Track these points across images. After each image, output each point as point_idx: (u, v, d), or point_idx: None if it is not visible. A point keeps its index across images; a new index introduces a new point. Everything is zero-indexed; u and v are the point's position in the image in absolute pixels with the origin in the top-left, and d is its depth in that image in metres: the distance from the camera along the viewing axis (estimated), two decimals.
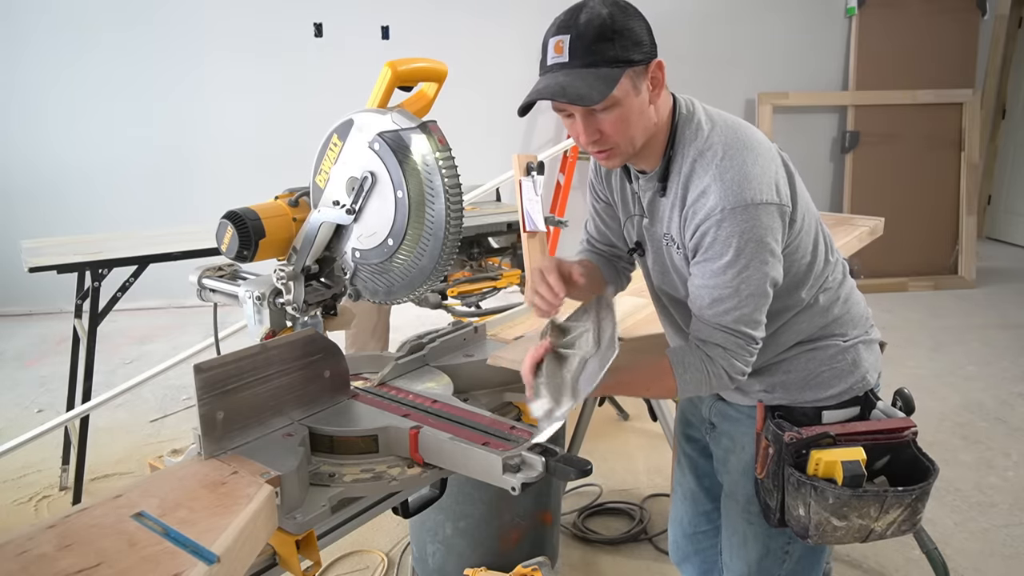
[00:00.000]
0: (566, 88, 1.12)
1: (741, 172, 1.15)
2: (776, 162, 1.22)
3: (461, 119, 3.42)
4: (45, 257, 2.63)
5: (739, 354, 1.22)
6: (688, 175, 1.21)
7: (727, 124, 1.24)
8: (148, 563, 0.78)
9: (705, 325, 1.23)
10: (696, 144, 1.21)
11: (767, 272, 1.18)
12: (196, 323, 4.87)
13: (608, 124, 1.17)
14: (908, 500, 1.21)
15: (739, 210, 1.14)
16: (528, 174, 2.22)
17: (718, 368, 1.22)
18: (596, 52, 1.12)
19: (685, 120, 1.24)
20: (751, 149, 1.19)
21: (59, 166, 5.00)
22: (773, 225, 1.17)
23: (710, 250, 1.18)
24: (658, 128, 1.23)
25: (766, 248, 1.17)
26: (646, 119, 1.19)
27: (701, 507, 1.64)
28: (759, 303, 1.20)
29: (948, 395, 3.67)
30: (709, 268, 1.19)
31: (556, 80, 1.14)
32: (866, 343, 1.38)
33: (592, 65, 1.12)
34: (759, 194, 1.15)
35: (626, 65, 1.13)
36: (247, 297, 1.39)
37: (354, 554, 2.44)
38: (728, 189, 1.15)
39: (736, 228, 1.15)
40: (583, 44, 1.12)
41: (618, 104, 1.15)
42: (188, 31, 4.96)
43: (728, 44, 5.52)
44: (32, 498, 2.81)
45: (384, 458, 1.13)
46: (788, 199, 1.20)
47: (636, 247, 1.40)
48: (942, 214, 5.57)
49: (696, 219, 1.18)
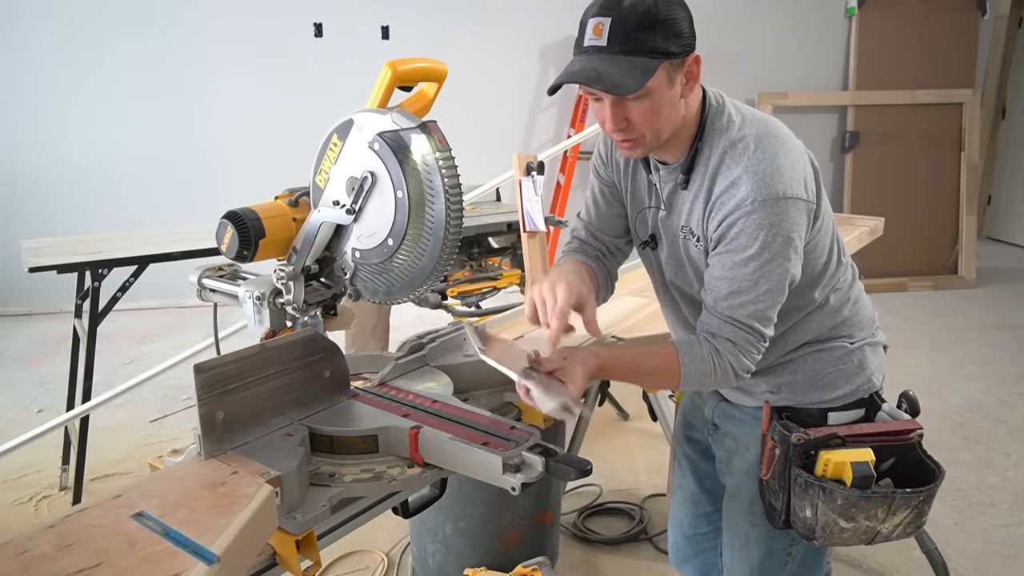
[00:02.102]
0: (602, 75, 1.09)
1: (773, 165, 1.14)
2: (804, 158, 1.21)
3: (461, 119, 3.42)
4: (45, 257, 2.62)
5: (747, 350, 1.21)
6: (717, 167, 1.19)
7: (757, 118, 1.23)
8: (148, 563, 0.78)
9: (716, 318, 1.21)
10: (727, 136, 1.20)
11: (788, 268, 1.17)
12: (196, 323, 4.87)
13: (638, 114, 1.15)
14: (915, 502, 1.21)
15: (770, 202, 1.13)
16: (528, 174, 2.22)
17: (725, 363, 1.21)
18: (636, 40, 1.09)
19: (715, 112, 1.22)
20: (782, 143, 1.18)
21: (59, 166, 5.00)
22: (800, 221, 1.16)
23: (735, 241, 1.16)
24: (685, 120, 1.21)
25: (791, 244, 1.16)
26: (675, 112, 1.17)
27: (702, 509, 1.63)
28: (775, 300, 1.19)
29: (948, 395, 3.67)
30: (731, 259, 1.17)
31: (592, 64, 1.10)
32: (872, 345, 1.37)
33: (630, 53, 1.09)
34: (790, 188, 1.14)
35: (664, 57, 1.10)
36: (247, 297, 1.39)
37: (354, 554, 2.44)
38: (760, 181, 1.13)
39: (765, 221, 1.13)
40: (624, 29, 1.08)
41: (650, 95, 1.12)
42: (188, 32, 4.96)
43: (728, 44, 5.51)
44: (32, 498, 2.81)
45: (384, 458, 1.13)
46: (815, 196, 1.20)
47: (650, 239, 1.36)
48: (942, 214, 5.57)
49: (724, 210, 1.17)
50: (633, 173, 1.37)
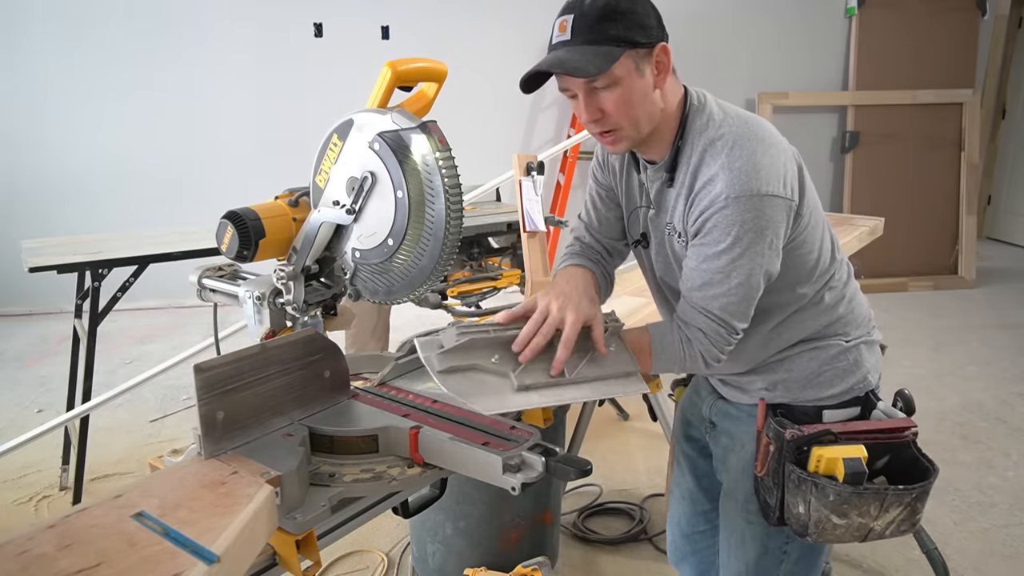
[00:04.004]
0: (564, 61, 1.15)
1: (750, 162, 1.16)
2: (786, 156, 1.22)
3: (461, 119, 3.42)
4: (45, 257, 2.62)
5: (718, 342, 1.24)
6: (697, 164, 1.21)
7: (739, 116, 1.24)
8: (148, 563, 0.78)
9: (691, 308, 1.24)
10: (707, 134, 1.22)
11: (761, 264, 1.19)
12: (196, 323, 4.87)
13: (610, 103, 1.18)
14: (908, 499, 1.22)
15: (744, 199, 1.14)
16: (528, 174, 2.22)
17: (695, 351, 1.24)
18: (598, 31, 1.14)
19: (696, 111, 1.25)
20: (762, 141, 1.19)
21: (59, 166, 5.00)
22: (776, 218, 1.17)
23: (709, 235, 1.18)
24: (666, 116, 1.23)
25: (764, 240, 1.17)
26: (650, 103, 1.20)
27: (699, 507, 1.64)
28: (747, 294, 1.21)
29: (948, 395, 3.67)
30: (704, 252, 1.20)
31: (556, 55, 1.17)
32: (868, 344, 1.38)
33: (593, 43, 1.15)
34: (766, 185, 1.15)
35: (628, 45, 1.15)
36: (247, 297, 1.39)
37: (354, 554, 2.44)
38: (735, 178, 1.15)
39: (738, 217, 1.15)
40: (586, 23, 1.15)
41: (618, 83, 1.16)
42: (188, 31, 4.96)
43: (728, 44, 5.52)
44: (32, 498, 2.81)
45: (384, 458, 1.13)
46: (795, 194, 1.20)
47: (641, 239, 1.40)
48: (942, 214, 5.57)
49: (701, 205, 1.19)
50: (627, 175, 1.40)
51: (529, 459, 1.04)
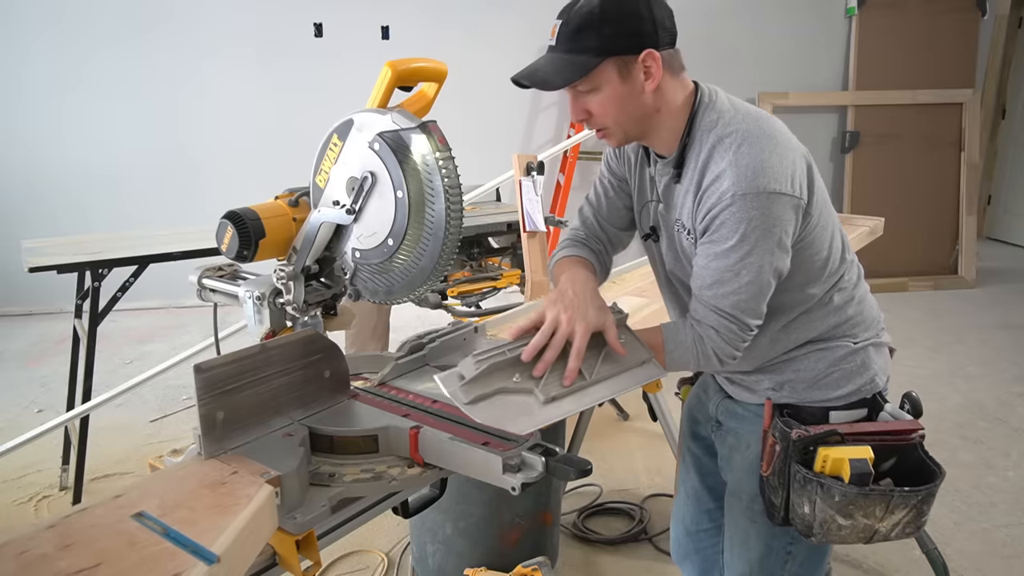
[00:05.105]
0: (534, 73, 1.20)
1: (758, 160, 1.16)
2: (796, 154, 1.21)
3: (461, 119, 3.42)
4: (45, 257, 2.62)
5: (731, 339, 1.24)
6: (706, 161, 1.21)
7: (749, 114, 1.24)
8: (148, 563, 0.78)
9: (703, 306, 1.24)
10: (716, 131, 1.22)
11: (771, 262, 1.18)
12: (196, 323, 4.87)
13: (594, 106, 1.22)
14: (914, 501, 1.21)
15: (750, 196, 1.14)
16: (528, 174, 2.22)
17: (708, 349, 1.24)
18: (576, 40, 1.17)
19: (705, 107, 1.25)
20: (771, 138, 1.19)
21: (59, 166, 5.00)
22: (784, 216, 1.17)
23: (717, 233, 1.19)
24: (668, 114, 1.24)
25: (772, 238, 1.17)
26: (637, 105, 1.22)
27: (704, 505, 1.64)
28: (759, 291, 1.21)
29: (948, 395, 3.67)
30: (713, 250, 1.20)
31: (537, 63, 1.21)
32: (876, 346, 1.38)
33: (571, 52, 1.18)
34: (773, 183, 1.15)
35: (608, 55, 1.17)
36: (247, 297, 1.39)
37: (354, 554, 2.44)
38: (742, 175, 1.15)
39: (745, 214, 1.15)
40: (568, 31, 1.18)
41: (599, 89, 1.20)
42: (188, 31, 4.96)
43: (728, 44, 5.52)
44: (32, 498, 2.81)
45: (384, 458, 1.13)
46: (804, 192, 1.20)
47: (651, 232, 1.40)
48: (942, 214, 5.58)
49: (708, 202, 1.19)
50: (640, 168, 1.40)
51: (529, 459, 1.04)
